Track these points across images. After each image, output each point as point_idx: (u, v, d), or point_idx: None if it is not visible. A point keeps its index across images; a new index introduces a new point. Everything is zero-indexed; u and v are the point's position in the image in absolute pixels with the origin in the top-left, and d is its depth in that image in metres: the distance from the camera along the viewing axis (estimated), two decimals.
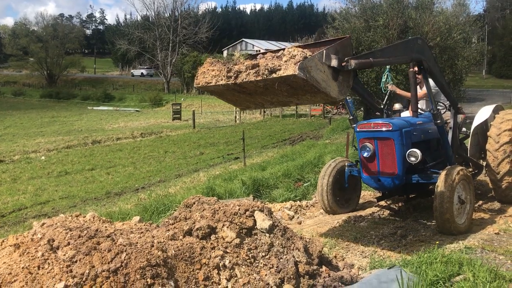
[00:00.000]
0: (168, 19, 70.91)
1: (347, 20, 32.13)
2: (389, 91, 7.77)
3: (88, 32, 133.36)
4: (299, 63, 4.36)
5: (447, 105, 7.22)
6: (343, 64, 4.75)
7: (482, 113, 7.65)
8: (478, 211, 7.11)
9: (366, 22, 30.81)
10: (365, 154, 6.37)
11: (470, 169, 7.49)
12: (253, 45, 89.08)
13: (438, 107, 7.32)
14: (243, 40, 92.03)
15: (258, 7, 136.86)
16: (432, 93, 6.48)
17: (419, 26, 28.92)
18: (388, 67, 7.88)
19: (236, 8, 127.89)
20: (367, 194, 8.54)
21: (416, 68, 6.14)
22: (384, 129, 6.24)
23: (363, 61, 4.99)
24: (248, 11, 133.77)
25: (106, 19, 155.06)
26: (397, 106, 7.52)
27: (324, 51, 4.62)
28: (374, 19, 30.05)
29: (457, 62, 30.04)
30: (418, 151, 6.08)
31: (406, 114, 7.61)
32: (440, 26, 28.77)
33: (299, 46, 5.32)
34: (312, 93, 4.71)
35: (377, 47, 29.33)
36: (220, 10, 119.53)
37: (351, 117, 7.02)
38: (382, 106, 7.14)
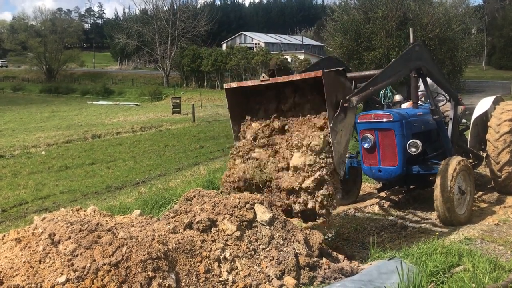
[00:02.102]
0: (166, 13, 70.60)
1: (346, 12, 32.00)
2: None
3: (87, 26, 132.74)
4: None
5: (447, 97, 7.22)
6: (345, 104, 4.75)
7: (482, 104, 7.64)
8: (478, 202, 7.12)
9: (365, 14, 30.70)
10: (366, 145, 6.38)
11: (470, 160, 7.48)
12: (252, 38, 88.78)
13: (438, 99, 7.33)
14: (242, 33, 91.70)
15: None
16: (430, 90, 6.50)
17: (419, 17, 28.83)
18: None
19: (235, 1, 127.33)
20: (367, 186, 8.54)
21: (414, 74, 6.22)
22: (384, 120, 6.26)
23: (364, 95, 5.00)
24: (247, 4, 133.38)
25: (105, 13, 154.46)
26: (397, 97, 7.51)
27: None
28: (373, 11, 29.94)
29: (456, 54, 29.99)
30: (418, 142, 6.10)
31: (407, 105, 7.59)
32: (439, 17, 28.68)
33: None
34: None
35: (376, 38, 29.29)
36: (219, 3, 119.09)
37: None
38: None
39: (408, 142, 6.17)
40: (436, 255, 4.36)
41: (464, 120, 8.01)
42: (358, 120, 6.52)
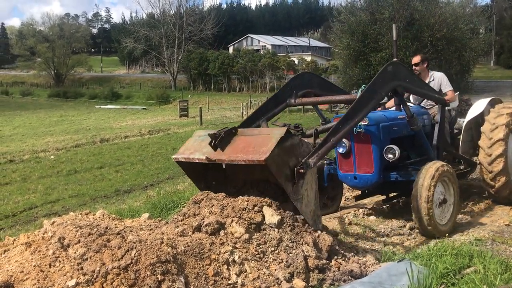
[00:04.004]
0: (173, 17, 70.99)
1: (352, 14, 31.99)
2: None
3: (94, 31, 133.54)
4: None
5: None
6: (300, 171, 4.41)
7: (477, 107, 7.12)
8: (487, 203, 7.05)
9: (372, 15, 30.66)
10: (341, 150, 6.03)
11: (462, 167, 7.04)
12: (258, 40, 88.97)
13: (417, 107, 6.91)
14: (248, 36, 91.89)
15: (263, 2, 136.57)
16: (408, 106, 6.11)
17: (425, 18, 28.74)
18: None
19: (241, 4, 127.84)
20: None
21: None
22: (360, 123, 5.76)
23: (323, 152, 4.62)
24: (253, 7, 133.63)
25: (112, 18, 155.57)
26: None
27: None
28: (380, 12, 29.90)
29: (464, 54, 29.85)
30: (395, 148, 5.70)
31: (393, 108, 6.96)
32: (446, 18, 28.58)
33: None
34: None
35: (383, 39, 29.21)
36: (225, 6, 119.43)
37: (323, 122, 6.71)
38: (323, 122, 6.78)
39: (385, 148, 5.79)
40: (446, 256, 4.32)
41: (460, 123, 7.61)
42: (334, 122, 6.11)
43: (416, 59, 7.22)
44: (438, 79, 7.18)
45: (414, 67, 7.17)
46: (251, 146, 4.54)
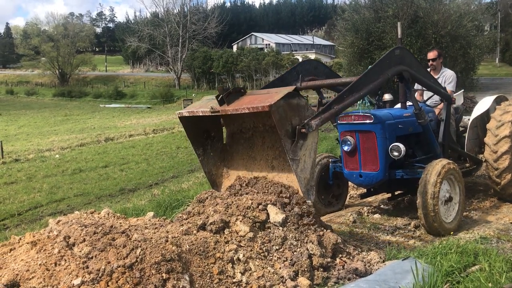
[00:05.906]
0: (177, 15, 70.92)
1: (356, 11, 31.90)
2: None
3: (98, 30, 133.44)
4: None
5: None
6: (302, 130, 4.45)
7: (482, 105, 7.13)
8: (493, 201, 7.03)
9: (376, 13, 30.55)
10: (346, 148, 6.05)
11: (467, 165, 7.03)
12: (262, 38, 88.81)
13: (435, 99, 7.00)
14: (252, 34, 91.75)
15: (267, 0, 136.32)
16: (414, 96, 6.13)
17: (429, 15, 28.61)
18: None
19: (245, 3, 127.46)
20: None
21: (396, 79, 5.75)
22: (365, 121, 5.87)
23: (326, 116, 4.65)
24: (257, 5, 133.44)
25: (116, 17, 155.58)
26: (387, 96, 6.85)
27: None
28: (383, 10, 29.80)
29: (469, 51, 29.68)
30: (401, 146, 5.73)
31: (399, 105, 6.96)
32: (450, 15, 28.44)
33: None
34: None
35: (387, 37, 29.14)
36: (229, 4, 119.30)
37: (323, 100, 6.55)
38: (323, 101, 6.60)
39: (391, 146, 5.81)
40: (451, 254, 4.31)
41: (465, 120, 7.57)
42: (339, 121, 6.18)
43: (432, 54, 7.24)
44: (445, 77, 7.17)
45: (431, 62, 7.20)
46: (257, 100, 4.57)
